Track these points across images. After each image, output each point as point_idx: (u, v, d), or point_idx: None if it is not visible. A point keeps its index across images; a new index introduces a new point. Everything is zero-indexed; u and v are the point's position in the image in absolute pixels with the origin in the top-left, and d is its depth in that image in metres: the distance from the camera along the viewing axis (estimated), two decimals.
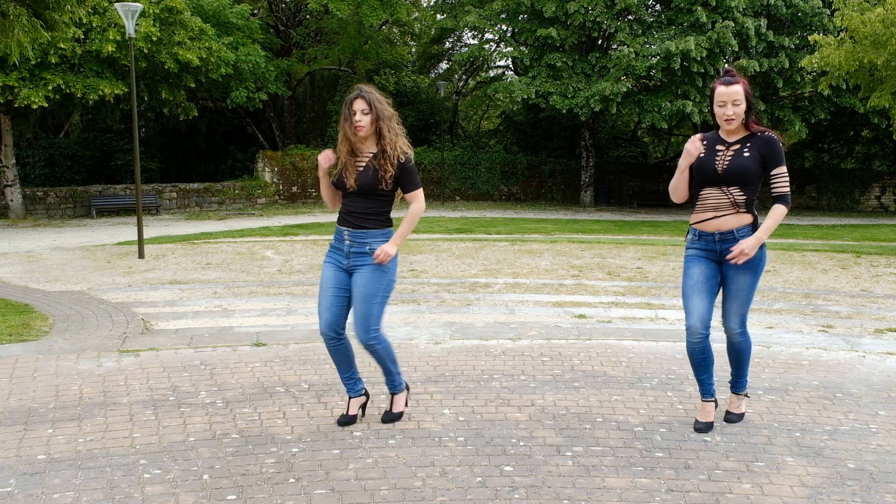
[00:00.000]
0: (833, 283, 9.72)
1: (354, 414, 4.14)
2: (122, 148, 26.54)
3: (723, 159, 3.87)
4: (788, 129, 24.92)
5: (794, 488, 3.39)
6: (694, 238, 4.01)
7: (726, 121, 3.84)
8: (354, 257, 3.96)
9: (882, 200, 29.10)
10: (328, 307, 3.98)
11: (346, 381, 4.14)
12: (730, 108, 3.81)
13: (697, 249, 3.99)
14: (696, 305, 3.95)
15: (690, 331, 3.97)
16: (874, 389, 4.84)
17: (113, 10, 18.38)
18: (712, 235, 3.92)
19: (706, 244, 3.95)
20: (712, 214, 3.90)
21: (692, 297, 3.96)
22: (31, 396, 4.61)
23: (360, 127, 3.86)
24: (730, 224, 3.89)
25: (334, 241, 4.05)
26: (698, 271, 3.96)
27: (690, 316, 3.96)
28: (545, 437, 3.97)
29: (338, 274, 4.00)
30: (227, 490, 3.34)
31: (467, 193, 29.80)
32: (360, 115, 3.87)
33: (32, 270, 10.80)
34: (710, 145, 3.93)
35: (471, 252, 12.84)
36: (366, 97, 3.89)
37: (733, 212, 3.87)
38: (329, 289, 3.99)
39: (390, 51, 31.16)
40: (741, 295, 3.95)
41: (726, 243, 3.89)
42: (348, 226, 3.97)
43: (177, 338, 6.20)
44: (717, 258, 3.95)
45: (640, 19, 25.02)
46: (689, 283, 3.99)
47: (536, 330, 6.51)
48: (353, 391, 4.15)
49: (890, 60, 15.33)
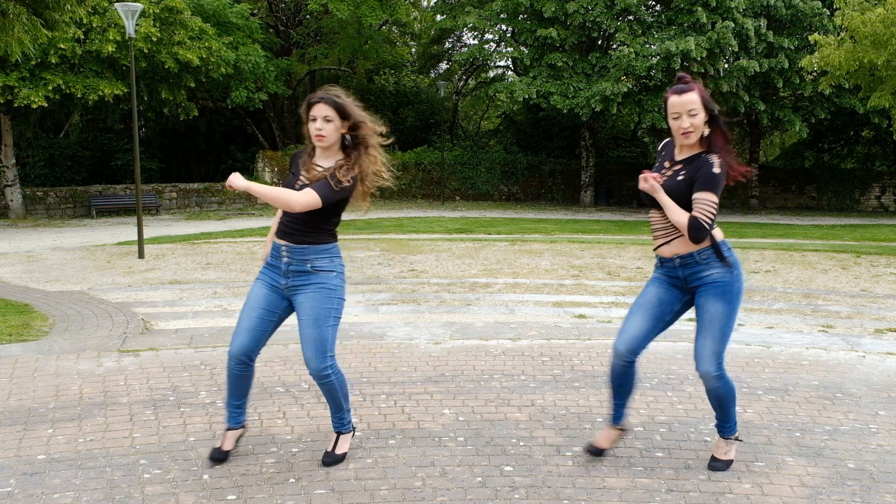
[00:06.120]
0: (833, 283, 9.72)
1: (229, 449, 3.66)
2: (122, 148, 26.54)
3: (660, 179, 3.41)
4: (788, 129, 24.92)
5: (794, 488, 3.39)
6: (658, 265, 3.58)
7: (683, 134, 3.31)
8: (294, 276, 3.48)
9: (882, 200, 29.11)
10: (249, 329, 3.51)
11: (234, 410, 3.66)
12: (685, 119, 3.28)
13: (662, 273, 3.55)
14: (630, 325, 3.53)
15: (615, 352, 3.55)
16: (874, 389, 4.84)
17: (113, 10, 18.40)
18: (672, 261, 3.46)
19: (668, 270, 3.50)
20: (663, 240, 3.47)
21: (632, 316, 3.55)
22: (31, 396, 4.61)
23: (320, 136, 3.40)
24: (686, 247, 3.39)
25: (270, 257, 3.56)
26: (653, 292, 3.55)
27: (620, 335, 3.55)
28: (545, 437, 3.97)
29: (270, 295, 3.53)
30: (227, 490, 3.34)
31: (467, 193, 29.80)
32: (322, 122, 3.39)
33: (32, 270, 10.80)
34: (662, 161, 3.49)
35: (471, 252, 12.84)
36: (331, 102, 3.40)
37: (680, 235, 3.38)
38: (257, 309, 3.52)
39: (390, 51, 31.18)
40: (714, 327, 3.39)
41: (688, 268, 3.42)
42: (288, 240, 3.48)
43: (177, 338, 6.19)
44: (682, 284, 3.49)
45: (640, 19, 25.03)
46: (638, 300, 3.59)
47: (536, 330, 6.51)
48: (237, 422, 3.69)
49: (890, 60, 15.33)
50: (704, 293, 3.42)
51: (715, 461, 3.62)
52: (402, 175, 28.95)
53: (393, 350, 5.73)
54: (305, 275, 3.47)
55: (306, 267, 3.46)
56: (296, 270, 3.47)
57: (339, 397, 3.61)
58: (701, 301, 3.44)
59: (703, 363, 3.43)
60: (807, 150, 32.70)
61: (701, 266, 3.40)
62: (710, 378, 3.44)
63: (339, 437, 3.69)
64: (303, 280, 3.48)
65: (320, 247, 3.47)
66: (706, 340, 3.42)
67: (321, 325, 3.45)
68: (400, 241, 14.74)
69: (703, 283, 3.42)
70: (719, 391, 3.48)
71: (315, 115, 3.39)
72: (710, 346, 3.41)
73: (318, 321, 3.45)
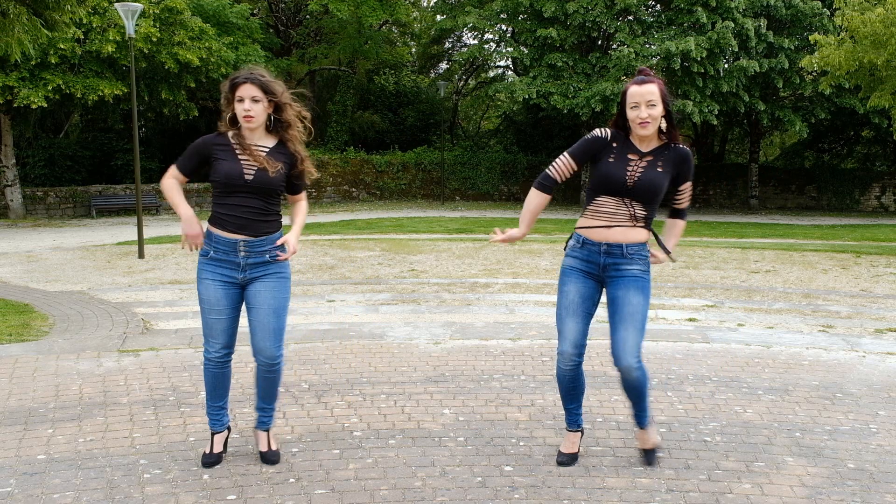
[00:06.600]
0: (833, 283, 9.72)
1: (221, 451, 3.63)
2: (122, 148, 26.54)
3: (634, 171, 3.35)
4: (788, 129, 24.91)
5: (794, 488, 3.39)
6: (576, 245, 3.49)
7: (640, 124, 3.31)
8: (252, 269, 3.42)
9: (882, 200, 29.09)
10: (224, 330, 3.48)
11: (218, 412, 3.62)
12: (644, 109, 3.29)
13: (577, 259, 3.48)
14: (570, 329, 3.49)
15: (563, 356, 3.52)
16: (874, 389, 4.84)
17: (113, 10, 18.40)
18: (598, 246, 3.42)
19: (588, 254, 3.45)
20: (605, 223, 3.40)
21: (566, 320, 3.49)
22: (31, 396, 4.61)
23: (249, 117, 3.33)
24: (620, 237, 3.39)
25: (218, 253, 3.40)
26: (574, 290, 3.48)
27: (564, 341, 3.50)
28: (545, 437, 3.97)
29: (230, 292, 3.44)
30: (227, 490, 3.34)
31: (467, 193, 29.80)
32: (250, 102, 3.32)
33: (32, 270, 10.80)
34: (622, 152, 3.39)
35: (471, 252, 12.84)
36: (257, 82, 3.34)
37: (629, 225, 3.39)
38: (224, 310, 3.44)
39: (390, 51, 31.21)
40: (636, 319, 3.39)
41: (611, 258, 3.41)
42: (245, 233, 3.37)
43: (177, 338, 6.19)
44: (598, 272, 3.46)
45: (640, 19, 25.03)
46: (563, 302, 3.51)
47: (536, 330, 6.51)
48: (221, 425, 3.64)
49: (890, 60, 15.32)
50: (624, 285, 3.42)
51: (650, 454, 3.63)
52: (402, 175, 28.99)
53: (393, 350, 5.73)
54: (265, 265, 3.44)
55: (265, 258, 3.43)
56: (254, 263, 3.42)
57: (277, 388, 3.61)
58: (620, 293, 3.42)
59: (626, 357, 3.38)
60: (807, 150, 32.67)
61: (625, 259, 3.41)
62: (632, 370, 3.40)
63: (270, 434, 3.65)
64: (261, 271, 3.44)
65: (276, 235, 3.46)
66: (628, 333, 3.39)
67: (281, 314, 3.46)
68: (400, 241, 14.74)
69: (623, 276, 3.43)
70: (639, 382, 3.45)
71: (242, 96, 3.33)
72: (632, 338, 3.39)
73: (278, 311, 3.45)
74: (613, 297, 3.45)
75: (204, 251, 3.44)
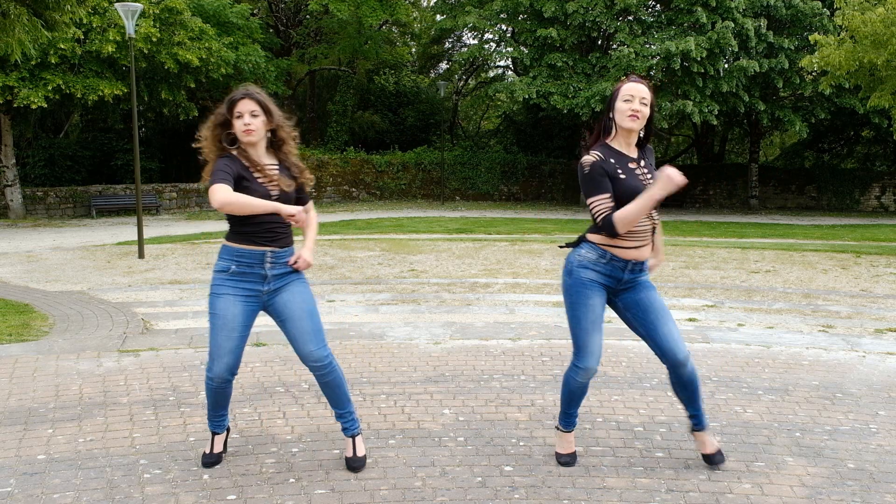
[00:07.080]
0: (833, 283, 9.72)
1: (221, 451, 3.66)
2: (122, 148, 26.54)
3: (644, 176, 3.33)
4: (788, 129, 24.90)
5: (794, 488, 3.39)
6: (599, 259, 3.37)
7: (630, 116, 3.27)
8: (276, 280, 3.45)
9: (882, 200, 29.10)
10: (232, 350, 3.42)
11: (218, 418, 3.63)
12: (637, 103, 3.27)
13: (600, 274, 3.39)
14: (596, 344, 3.42)
15: (587, 371, 3.45)
16: (874, 389, 4.84)
17: (113, 11, 18.40)
18: (625, 263, 3.38)
19: (612, 269, 3.38)
20: (638, 243, 3.36)
21: (593, 335, 3.41)
22: (31, 396, 4.61)
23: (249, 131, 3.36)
24: (647, 254, 3.40)
25: (241, 267, 3.40)
26: (597, 304, 3.40)
27: (589, 356, 3.43)
28: (545, 437, 3.97)
29: (247, 309, 3.42)
30: (227, 490, 3.34)
31: (467, 193, 29.81)
32: (250, 117, 3.36)
33: (32, 270, 10.80)
34: (620, 164, 3.31)
35: (471, 252, 12.84)
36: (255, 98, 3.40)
37: (651, 236, 3.40)
38: (237, 329, 3.41)
39: (390, 51, 31.22)
40: (669, 313, 3.45)
41: (632, 273, 3.41)
42: (274, 245, 3.40)
43: (177, 338, 6.20)
44: (615, 286, 3.42)
45: (640, 19, 25.04)
46: (590, 316, 3.39)
47: (536, 330, 6.51)
48: (222, 427, 3.67)
49: (890, 60, 15.32)
50: (643, 288, 3.46)
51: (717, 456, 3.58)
52: (402, 175, 28.99)
53: (393, 350, 5.73)
54: (287, 275, 3.48)
55: (287, 268, 3.47)
56: (278, 273, 3.45)
57: (345, 387, 3.55)
58: (642, 296, 3.44)
59: (681, 347, 3.41)
60: (807, 150, 32.68)
61: (642, 272, 3.47)
62: (688, 361, 3.42)
63: (356, 440, 3.59)
64: (285, 280, 3.48)
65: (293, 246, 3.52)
66: (671, 325, 3.42)
67: (314, 316, 3.49)
68: (400, 241, 14.74)
69: (636, 281, 3.47)
70: (694, 374, 3.47)
71: (241, 112, 3.37)
72: (676, 329, 3.44)
73: (311, 313, 3.48)
74: (635, 300, 3.45)
75: (224, 266, 3.42)
